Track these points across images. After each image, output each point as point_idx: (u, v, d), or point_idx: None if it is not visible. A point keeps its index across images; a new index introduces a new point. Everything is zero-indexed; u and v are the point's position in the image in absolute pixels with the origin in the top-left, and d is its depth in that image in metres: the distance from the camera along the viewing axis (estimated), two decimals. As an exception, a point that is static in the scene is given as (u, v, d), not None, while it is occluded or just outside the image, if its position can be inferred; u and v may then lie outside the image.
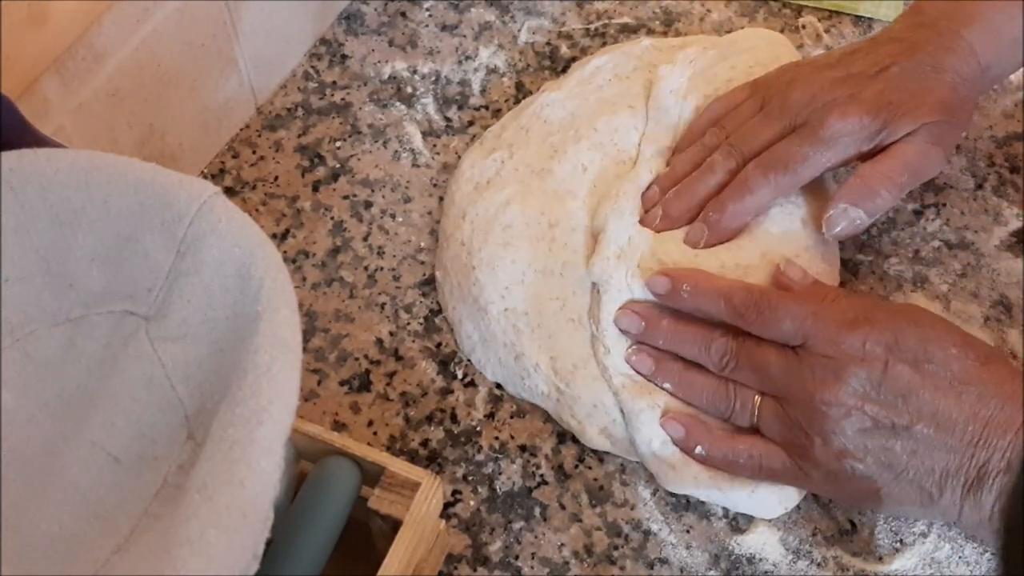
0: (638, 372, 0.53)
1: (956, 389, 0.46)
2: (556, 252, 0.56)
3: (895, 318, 0.49)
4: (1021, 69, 0.68)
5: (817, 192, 0.57)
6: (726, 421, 0.51)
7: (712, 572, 0.50)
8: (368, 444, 0.50)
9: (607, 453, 0.54)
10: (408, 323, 0.58)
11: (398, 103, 0.67)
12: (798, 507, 0.52)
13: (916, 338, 0.48)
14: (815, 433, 0.48)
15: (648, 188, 0.57)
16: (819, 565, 0.50)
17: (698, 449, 0.50)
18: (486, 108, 0.67)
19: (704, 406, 0.52)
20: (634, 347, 0.53)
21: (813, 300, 0.50)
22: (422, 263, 0.60)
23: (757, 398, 0.50)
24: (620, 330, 0.53)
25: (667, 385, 0.52)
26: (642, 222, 0.56)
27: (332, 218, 0.62)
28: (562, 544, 0.51)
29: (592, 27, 0.71)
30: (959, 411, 0.46)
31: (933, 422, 0.46)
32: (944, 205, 0.62)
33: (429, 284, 0.60)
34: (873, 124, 0.53)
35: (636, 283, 0.53)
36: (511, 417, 0.55)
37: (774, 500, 0.51)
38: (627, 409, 0.52)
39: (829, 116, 0.53)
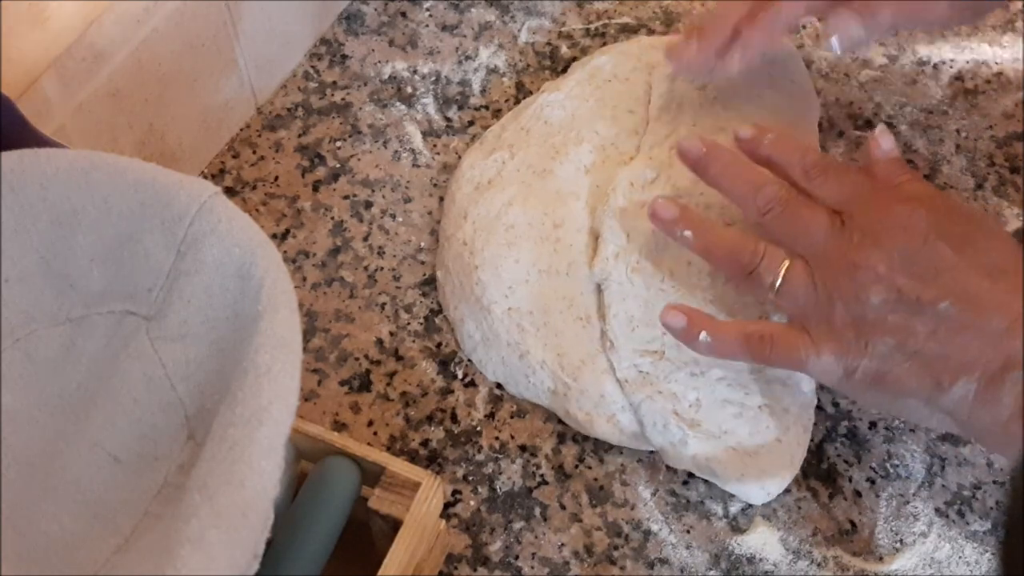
0: (661, 218, 0.52)
1: (992, 275, 0.45)
2: (561, 252, 0.56)
3: (949, 201, 0.48)
4: (1021, 68, 0.68)
5: None
6: (741, 280, 0.50)
7: (712, 572, 0.50)
8: (368, 444, 0.50)
9: (607, 453, 0.54)
10: (408, 323, 0.58)
11: (398, 103, 0.67)
12: (798, 507, 0.52)
13: (964, 222, 0.47)
14: (839, 298, 0.46)
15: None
16: (819, 565, 0.50)
17: (702, 336, 0.49)
18: (486, 108, 0.67)
19: (723, 263, 0.51)
20: (661, 199, 0.52)
21: (881, 176, 0.50)
22: (422, 263, 0.60)
23: (786, 261, 0.48)
24: (680, 154, 0.53)
25: (687, 234, 0.51)
26: (672, 54, 0.56)
27: (332, 218, 0.62)
28: (562, 544, 0.51)
29: (592, 27, 0.71)
30: (991, 296, 0.44)
31: (961, 301, 0.44)
32: (944, 205, 0.62)
33: (429, 284, 0.60)
34: None
35: (637, 279, 0.54)
36: (511, 417, 0.55)
37: (758, 487, 0.51)
38: (633, 400, 0.52)
39: None
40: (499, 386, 0.56)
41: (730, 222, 0.55)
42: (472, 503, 0.52)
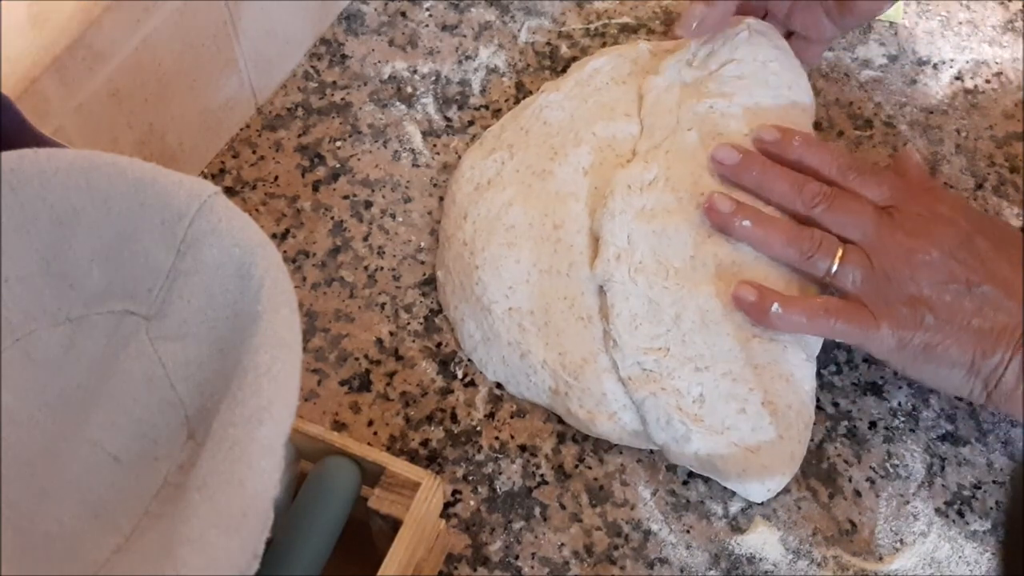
0: (717, 212, 0.54)
1: (1017, 267, 0.52)
2: (562, 253, 0.56)
3: (972, 206, 0.54)
4: (1021, 68, 0.68)
5: None
6: (798, 264, 0.54)
7: (712, 572, 0.50)
8: (368, 444, 0.50)
9: (607, 453, 0.54)
10: (408, 323, 0.58)
11: (398, 103, 0.67)
12: (798, 507, 0.52)
13: (991, 224, 0.54)
14: (896, 278, 0.52)
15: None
16: (819, 565, 0.50)
17: (774, 307, 0.52)
18: (486, 108, 0.67)
19: (782, 248, 0.54)
20: (717, 193, 0.55)
21: (914, 179, 0.56)
22: (422, 263, 0.60)
23: (840, 247, 0.53)
24: (715, 161, 0.57)
25: (745, 223, 0.54)
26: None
27: (332, 218, 0.62)
28: (562, 544, 0.51)
29: (592, 27, 0.71)
30: (1019, 284, 0.52)
31: (1001, 286, 0.51)
32: (944, 205, 0.62)
33: (429, 284, 0.60)
34: None
35: (639, 278, 0.54)
36: (511, 417, 0.55)
37: (759, 483, 0.51)
38: (636, 398, 0.52)
39: None
40: (499, 386, 0.56)
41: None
42: (472, 503, 0.52)
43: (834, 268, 0.53)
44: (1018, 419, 0.53)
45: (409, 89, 0.68)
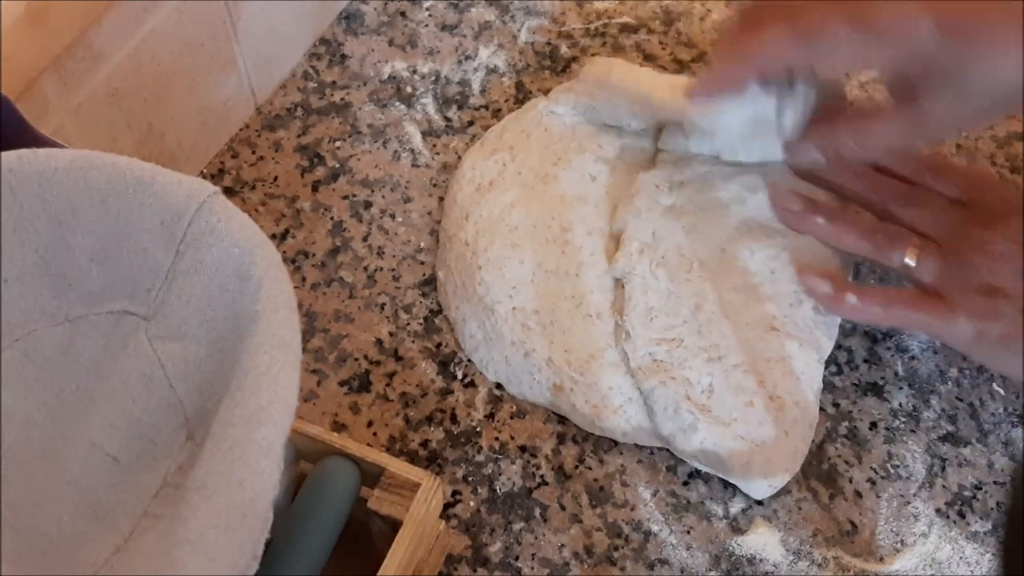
0: (785, 211, 0.54)
1: None
2: (570, 254, 0.57)
3: None
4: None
5: None
6: (878, 263, 0.54)
7: (712, 573, 0.50)
8: (368, 444, 0.50)
9: (607, 453, 0.54)
10: (408, 323, 0.58)
11: (398, 103, 0.67)
12: (799, 507, 0.52)
13: None
14: (971, 268, 0.51)
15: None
16: (820, 566, 0.50)
17: (849, 298, 0.52)
18: (486, 108, 0.67)
19: (858, 244, 0.54)
20: (784, 191, 0.55)
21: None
22: (422, 263, 0.60)
23: (915, 239, 0.53)
24: (790, 159, 0.54)
25: (819, 220, 0.53)
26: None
27: (332, 218, 0.62)
28: (562, 545, 0.51)
29: (592, 27, 0.71)
30: None
31: None
32: (945, 205, 0.62)
33: (429, 284, 0.60)
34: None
35: (661, 272, 0.55)
36: (511, 417, 0.55)
37: (761, 479, 0.51)
38: (644, 387, 0.53)
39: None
40: (499, 386, 0.56)
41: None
42: (472, 504, 0.52)
43: (912, 261, 0.52)
44: None
45: (409, 89, 0.68)
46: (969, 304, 0.51)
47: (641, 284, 0.55)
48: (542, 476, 0.53)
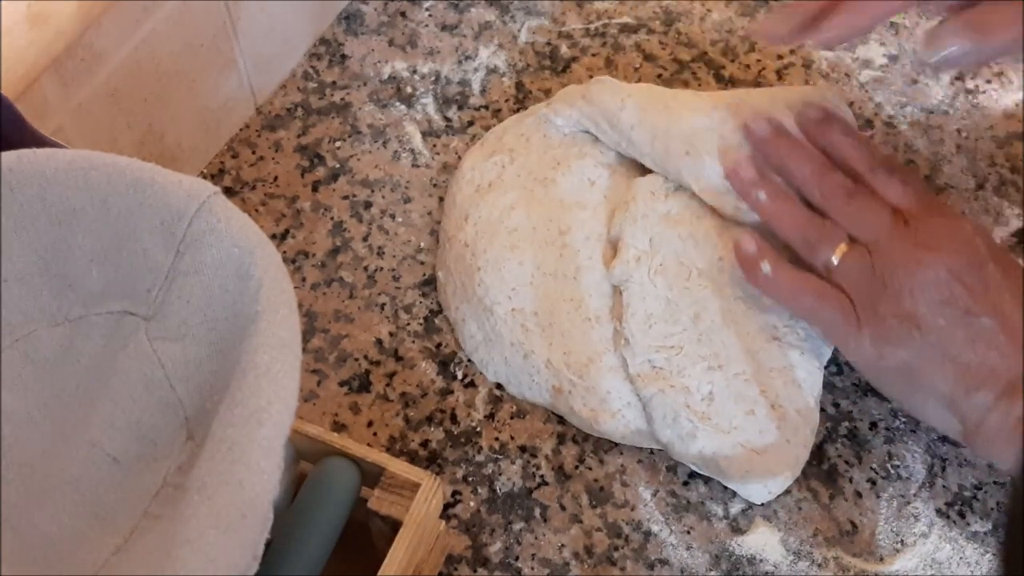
0: (738, 177, 0.54)
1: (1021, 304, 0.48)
2: (568, 257, 0.56)
3: (1002, 247, 0.51)
4: (1021, 68, 0.68)
5: None
6: (802, 251, 0.52)
7: (713, 573, 0.50)
8: (368, 445, 0.50)
9: (607, 453, 0.54)
10: (408, 323, 0.58)
11: (398, 103, 0.67)
12: (799, 508, 0.52)
13: (1004, 255, 0.50)
14: (893, 287, 0.49)
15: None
16: (820, 566, 0.50)
17: (764, 267, 0.52)
18: (486, 108, 0.67)
19: (790, 230, 0.53)
20: (745, 158, 0.54)
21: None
22: (422, 263, 0.60)
23: (844, 242, 0.51)
24: (746, 130, 0.55)
25: (761, 196, 0.53)
26: (752, 29, 0.57)
27: (332, 218, 0.62)
28: (562, 545, 0.51)
29: (592, 27, 0.71)
30: (1020, 321, 0.48)
31: (1001, 320, 0.47)
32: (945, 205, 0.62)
33: (429, 284, 0.60)
34: None
35: (659, 280, 0.54)
36: (511, 418, 0.55)
37: (760, 485, 0.51)
38: (644, 394, 0.52)
39: None
40: (499, 386, 0.56)
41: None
42: (472, 504, 0.52)
43: (834, 261, 0.51)
44: (1001, 466, 0.50)
45: (409, 89, 0.68)
46: (877, 323, 0.49)
47: (639, 291, 0.54)
48: (542, 476, 0.53)
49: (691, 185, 0.56)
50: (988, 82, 0.68)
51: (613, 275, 0.55)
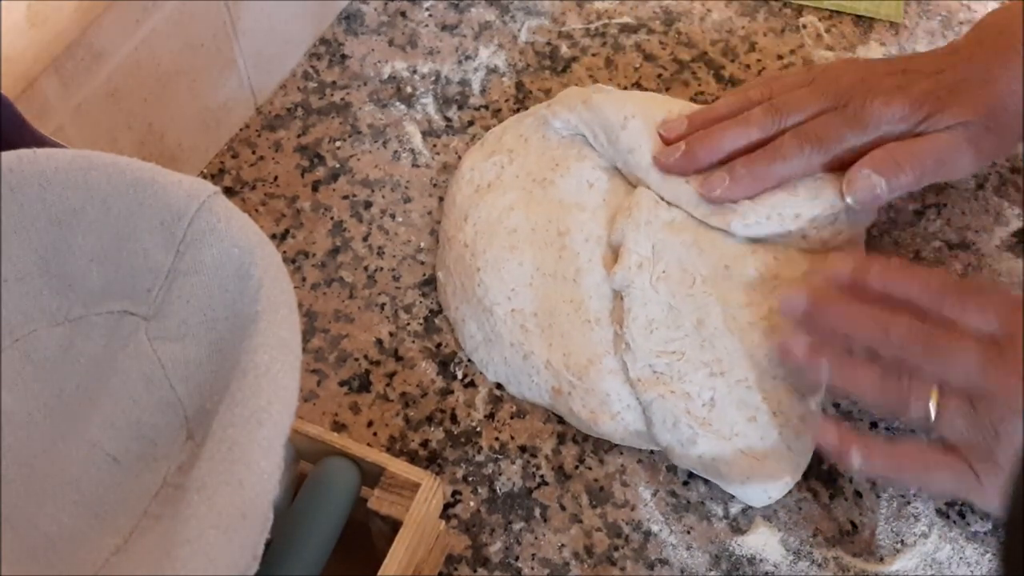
0: (790, 357, 0.49)
1: None
2: (567, 259, 0.56)
3: None
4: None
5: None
6: (893, 417, 0.49)
7: (713, 573, 0.50)
8: (368, 444, 0.50)
9: (607, 453, 0.54)
10: (408, 323, 0.58)
11: (398, 103, 0.67)
12: (799, 508, 0.52)
13: None
14: (1008, 431, 0.44)
15: (675, 120, 0.57)
16: (820, 566, 0.50)
17: (855, 459, 0.47)
18: (486, 108, 0.67)
19: (869, 396, 0.47)
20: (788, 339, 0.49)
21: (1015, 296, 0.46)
22: (422, 263, 0.60)
23: (934, 395, 0.45)
24: (783, 309, 0.50)
25: (824, 371, 0.48)
26: (657, 157, 0.56)
27: (332, 218, 0.62)
28: (562, 545, 0.51)
29: (592, 27, 0.71)
30: None
31: None
32: (945, 205, 0.62)
33: (429, 284, 0.60)
34: (914, 116, 0.54)
35: (661, 286, 0.54)
36: (511, 417, 0.55)
37: (761, 489, 0.51)
38: (644, 399, 0.52)
39: (874, 101, 0.54)
40: (499, 386, 0.56)
41: None
42: (472, 504, 0.52)
43: (931, 415, 0.45)
44: None
45: (409, 89, 0.68)
46: (1002, 474, 0.44)
47: (640, 297, 0.54)
48: (542, 476, 0.53)
49: (691, 212, 0.56)
50: (988, 82, 0.68)
51: (614, 281, 0.55)
